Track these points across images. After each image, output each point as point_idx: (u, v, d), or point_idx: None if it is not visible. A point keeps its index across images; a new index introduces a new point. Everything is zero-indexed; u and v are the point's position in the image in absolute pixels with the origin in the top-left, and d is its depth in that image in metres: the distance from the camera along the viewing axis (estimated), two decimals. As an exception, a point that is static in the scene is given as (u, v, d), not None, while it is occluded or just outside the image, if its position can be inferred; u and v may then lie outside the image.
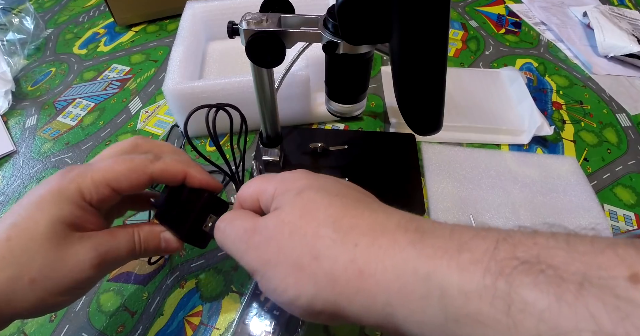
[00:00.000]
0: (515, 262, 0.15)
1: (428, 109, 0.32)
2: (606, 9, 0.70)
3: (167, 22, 0.73)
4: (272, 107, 0.39)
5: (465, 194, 0.45)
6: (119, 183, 0.25)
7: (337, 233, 0.20)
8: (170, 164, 0.27)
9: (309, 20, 0.32)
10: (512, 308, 0.14)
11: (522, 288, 0.14)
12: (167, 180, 0.28)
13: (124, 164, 0.26)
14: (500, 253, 0.16)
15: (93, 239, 0.25)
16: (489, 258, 0.16)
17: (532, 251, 0.15)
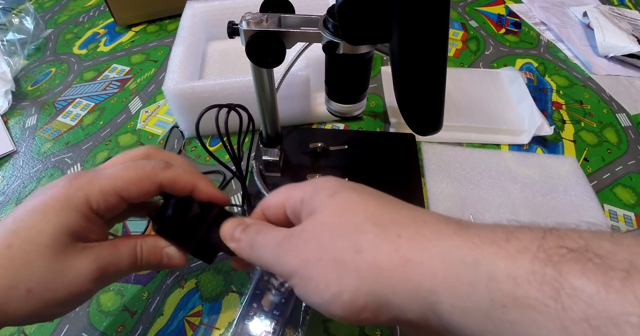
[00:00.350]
0: (564, 251, 0.16)
1: (428, 109, 0.32)
2: (606, 9, 0.70)
3: (167, 22, 0.73)
4: (272, 107, 0.39)
5: (465, 194, 0.45)
6: (128, 192, 0.25)
7: (378, 227, 0.20)
8: (180, 174, 0.27)
9: (309, 20, 0.32)
10: (562, 293, 0.15)
11: (571, 275, 0.15)
12: (176, 190, 0.27)
13: (134, 172, 0.25)
14: (548, 242, 0.16)
15: (95, 251, 0.24)
16: (537, 246, 0.16)
17: (580, 242, 0.16)
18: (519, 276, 0.16)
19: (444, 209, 0.44)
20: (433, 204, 0.44)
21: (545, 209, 0.44)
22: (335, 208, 0.22)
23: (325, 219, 0.22)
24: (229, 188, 0.47)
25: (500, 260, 0.17)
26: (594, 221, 0.42)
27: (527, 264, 0.16)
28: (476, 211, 0.44)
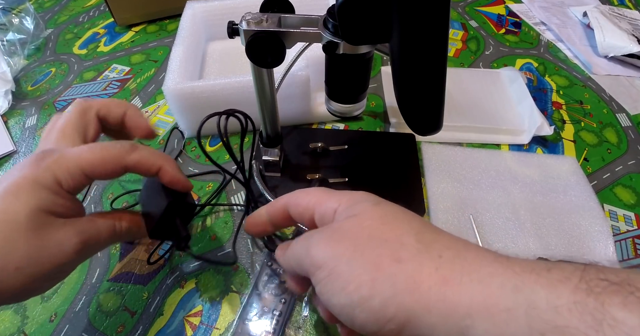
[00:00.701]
0: (605, 283, 0.16)
1: (428, 109, 0.32)
2: (606, 9, 0.70)
3: (167, 22, 0.73)
4: (272, 107, 0.39)
5: (465, 194, 0.45)
6: (94, 172, 0.26)
7: (420, 243, 0.20)
8: (145, 156, 0.27)
9: (309, 20, 0.32)
10: (604, 324, 0.15)
11: (612, 307, 0.15)
12: (141, 172, 0.28)
13: (100, 153, 0.26)
14: (590, 274, 0.16)
15: (75, 225, 0.25)
16: (579, 277, 0.16)
17: (621, 276, 0.16)
18: (560, 305, 0.16)
19: (444, 209, 0.44)
20: (433, 204, 0.44)
21: (545, 209, 0.44)
22: (379, 214, 0.22)
23: (366, 223, 0.21)
24: (229, 188, 0.47)
25: (541, 288, 0.16)
26: (594, 221, 0.42)
27: (568, 294, 0.16)
28: (476, 211, 0.44)
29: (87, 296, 0.39)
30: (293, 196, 0.26)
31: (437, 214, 0.43)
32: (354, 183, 0.45)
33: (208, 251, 0.42)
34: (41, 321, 0.38)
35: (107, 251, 0.42)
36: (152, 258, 0.41)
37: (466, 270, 0.18)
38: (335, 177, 0.45)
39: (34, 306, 0.39)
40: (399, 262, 0.19)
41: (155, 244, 0.42)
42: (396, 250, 0.20)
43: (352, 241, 0.21)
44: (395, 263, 0.19)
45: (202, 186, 0.47)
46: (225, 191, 0.47)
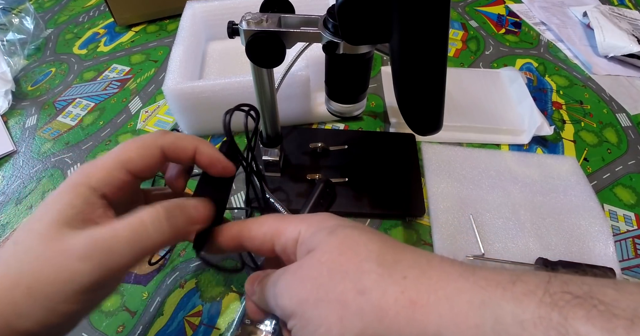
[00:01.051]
0: (569, 296, 0.16)
1: (428, 109, 0.32)
2: (606, 9, 0.70)
3: (167, 22, 0.73)
4: (272, 107, 0.39)
5: (465, 194, 0.45)
6: (132, 161, 0.23)
7: (382, 267, 0.20)
8: (180, 136, 0.25)
9: (309, 20, 0.32)
10: None
11: (576, 321, 0.15)
12: (178, 153, 0.25)
13: (134, 142, 0.24)
14: (554, 287, 0.17)
15: (89, 230, 0.21)
16: (543, 291, 0.16)
17: (584, 288, 0.16)
18: (526, 319, 0.16)
19: (444, 209, 0.44)
20: (433, 204, 0.44)
21: (545, 209, 0.44)
22: (334, 245, 0.21)
23: (324, 258, 0.21)
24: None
25: (506, 303, 0.17)
26: (594, 221, 0.42)
27: (533, 308, 0.16)
28: (476, 211, 0.44)
29: (87, 296, 0.39)
30: (245, 227, 0.25)
31: (437, 214, 0.43)
32: (354, 183, 0.45)
33: (208, 251, 0.42)
34: (41, 321, 0.38)
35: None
36: (152, 258, 0.41)
37: (432, 288, 0.18)
38: (335, 177, 0.45)
39: (34, 306, 0.39)
40: (363, 293, 0.19)
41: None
42: (358, 281, 0.19)
43: (314, 281, 0.20)
44: (359, 295, 0.19)
45: (202, 186, 0.47)
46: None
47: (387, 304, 0.18)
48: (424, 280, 0.19)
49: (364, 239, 0.21)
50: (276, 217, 0.25)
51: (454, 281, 0.19)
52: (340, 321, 0.19)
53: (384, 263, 0.20)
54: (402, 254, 0.21)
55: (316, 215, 0.24)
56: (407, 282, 0.19)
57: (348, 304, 0.19)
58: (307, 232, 0.23)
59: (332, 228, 0.22)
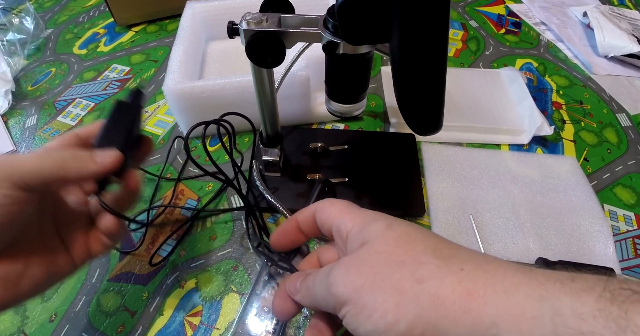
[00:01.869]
0: (628, 292, 0.16)
1: (428, 109, 0.32)
2: (606, 9, 0.70)
3: (167, 22, 0.73)
4: (272, 107, 0.39)
5: (465, 194, 0.45)
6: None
7: (439, 259, 0.20)
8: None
9: (309, 20, 0.32)
10: (627, 331, 0.15)
11: (636, 315, 0.15)
12: None
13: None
14: (612, 284, 0.17)
15: None
16: (602, 287, 0.17)
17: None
18: (585, 312, 0.16)
19: (444, 209, 0.44)
20: (433, 204, 0.44)
21: (545, 209, 0.44)
22: (392, 238, 0.22)
23: (381, 249, 0.21)
24: (228, 189, 0.47)
25: (565, 297, 0.17)
26: (594, 221, 0.42)
27: (592, 302, 0.16)
28: (476, 211, 0.44)
29: (87, 296, 0.39)
30: (321, 203, 0.27)
31: (437, 214, 0.43)
32: (354, 183, 0.45)
33: (208, 251, 0.42)
34: (41, 321, 0.38)
35: (107, 251, 0.42)
36: (153, 259, 0.41)
37: (490, 281, 0.19)
38: (336, 177, 0.45)
39: (34, 306, 0.39)
40: (421, 282, 0.19)
41: (156, 246, 0.42)
42: (416, 270, 0.20)
43: (370, 269, 0.21)
44: (417, 283, 0.19)
45: (202, 186, 0.47)
46: (225, 193, 0.47)
47: (443, 293, 0.19)
48: (481, 273, 0.19)
49: (420, 235, 0.22)
50: (345, 203, 0.26)
51: (511, 276, 0.19)
52: (396, 307, 0.19)
53: (440, 256, 0.20)
54: (458, 250, 0.21)
55: (372, 211, 0.25)
56: (464, 274, 0.19)
57: (405, 291, 0.19)
58: (362, 222, 0.24)
59: (388, 223, 0.23)
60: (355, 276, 0.21)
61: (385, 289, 0.20)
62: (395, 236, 0.22)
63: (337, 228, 0.25)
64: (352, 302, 0.20)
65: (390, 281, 0.20)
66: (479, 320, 0.18)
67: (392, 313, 0.19)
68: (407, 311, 0.19)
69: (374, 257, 0.21)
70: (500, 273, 0.19)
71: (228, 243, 0.42)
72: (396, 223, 0.23)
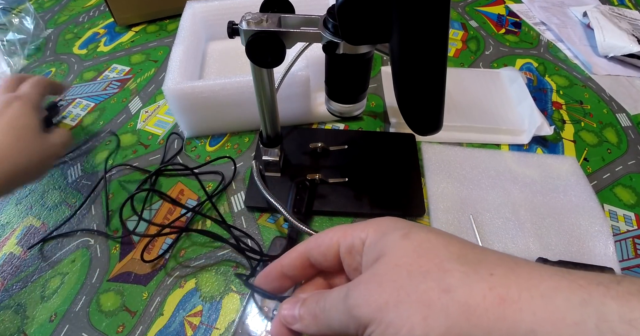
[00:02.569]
0: None
1: (428, 109, 0.32)
2: (606, 9, 0.70)
3: (167, 22, 0.73)
4: (272, 107, 0.39)
5: (465, 194, 0.45)
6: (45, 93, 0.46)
7: (465, 266, 0.19)
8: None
9: (309, 20, 0.32)
10: None
11: None
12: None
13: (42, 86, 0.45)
14: None
15: None
16: None
17: None
18: (635, 318, 0.15)
19: (444, 209, 0.44)
20: (433, 204, 0.44)
21: (545, 209, 0.44)
22: (411, 248, 0.20)
23: (401, 261, 0.20)
24: (229, 189, 0.47)
25: (611, 301, 0.16)
26: (594, 221, 0.42)
27: None
28: (476, 211, 0.44)
29: (87, 296, 0.39)
30: (311, 240, 0.25)
31: (437, 214, 0.43)
32: (354, 183, 0.45)
33: (208, 251, 0.42)
34: (41, 321, 0.38)
35: (107, 251, 0.42)
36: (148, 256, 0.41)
37: (524, 286, 0.17)
38: (335, 177, 0.45)
39: (34, 306, 0.39)
40: (448, 291, 0.18)
41: (156, 246, 0.42)
42: (442, 280, 0.18)
43: (393, 284, 0.19)
44: (444, 293, 0.18)
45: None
46: (225, 192, 0.47)
47: (474, 301, 0.17)
48: (513, 277, 0.18)
49: (442, 241, 0.20)
50: (342, 226, 0.24)
51: (547, 280, 0.17)
52: (424, 320, 0.18)
53: (467, 263, 0.19)
54: (485, 255, 0.20)
55: (383, 219, 0.23)
56: (495, 279, 0.18)
57: (432, 303, 0.18)
58: (376, 233, 0.22)
59: (404, 232, 0.21)
60: (377, 294, 0.19)
61: (411, 303, 0.18)
62: (415, 246, 0.20)
63: (348, 246, 0.23)
64: (376, 321, 0.19)
65: (415, 294, 0.18)
66: (515, 328, 0.16)
67: (420, 327, 0.18)
68: (436, 324, 0.18)
69: (395, 271, 0.20)
70: (535, 277, 0.18)
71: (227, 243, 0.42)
72: (413, 231, 0.21)
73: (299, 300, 0.24)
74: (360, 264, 0.22)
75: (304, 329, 0.23)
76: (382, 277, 0.20)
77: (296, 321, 0.23)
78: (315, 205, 0.44)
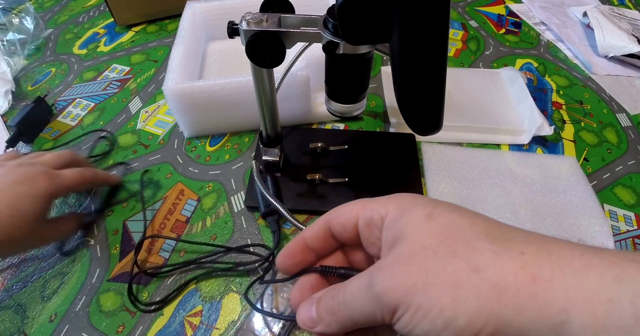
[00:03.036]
0: None
1: (428, 109, 0.32)
2: (606, 9, 0.70)
3: (167, 22, 0.73)
4: (272, 107, 0.39)
5: (465, 194, 0.45)
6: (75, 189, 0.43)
7: (495, 245, 0.18)
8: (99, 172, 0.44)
9: (309, 20, 0.32)
10: None
11: None
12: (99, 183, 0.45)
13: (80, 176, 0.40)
14: None
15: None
16: None
17: None
18: None
19: (444, 209, 0.44)
20: (433, 204, 0.44)
21: (545, 209, 0.44)
22: (436, 230, 0.20)
23: (426, 243, 0.19)
24: (229, 188, 0.47)
25: None
26: (594, 221, 0.42)
27: None
28: (476, 211, 0.43)
29: (87, 296, 0.39)
30: (332, 210, 0.24)
31: (437, 214, 0.43)
32: (353, 183, 0.45)
33: (208, 252, 0.42)
34: (41, 321, 0.38)
35: (107, 251, 0.42)
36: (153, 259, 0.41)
37: (556, 264, 0.17)
38: (335, 177, 0.45)
39: (34, 306, 0.39)
40: (478, 271, 0.17)
41: (156, 246, 0.42)
42: (471, 259, 0.18)
43: (419, 266, 0.19)
44: (474, 273, 0.18)
45: (202, 186, 0.47)
46: (225, 191, 0.47)
47: (505, 281, 0.17)
48: (544, 255, 0.17)
49: (468, 221, 0.20)
50: (363, 199, 0.24)
51: (579, 257, 0.17)
52: (453, 301, 0.17)
53: (495, 241, 0.18)
54: (513, 233, 0.19)
55: (404, 195, 0.22)
56: (527, 257, 0.17)
57: (462, 284, 0.17)
58: (396, 210, 0.21)
59: (428, 211, 0.20)
60: (405, 277, 0.19)
61: (440, 284, 0.18)
62: (440, 227, 0.20)
63: (367, 220, 0.22)
64: (404, 305, 0.18)
65: (444, 275, 0.18)
66: (547, 307, 0.16)
67: (450, 308, 0.17)
68: (467, 305, 0.17)
69: (421, 253, 0.19)
70: (567, 254, 0.17)
71: (228, 242, 0.42)
72: (437, 210, 0.21)
73: (313, 300, 0.23)
74: (378, 239, 0.22)
75: (327, 329, 0.22)
76: (407, 260, 0.19)
77: (316, 323, 0.22)
78: (315, 205, 0.44)
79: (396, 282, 0.19)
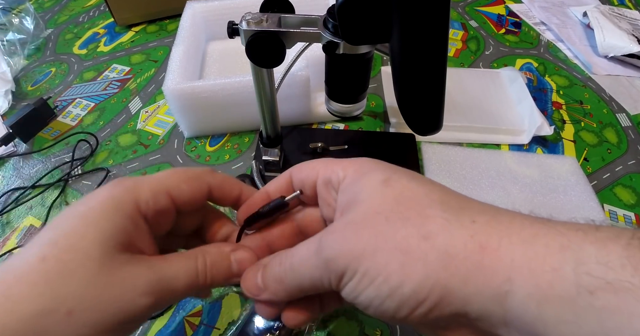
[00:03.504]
0: None
1: (428, 109, 0.32)
2: (606, 9, 0.70)
3: (167, 22, 0.73)
4: (272, 107, 0.39)
5: (465, 194, 0.45)
6: (180, 190, 0.22)
7: (447, 213, 0.18)
8: (228, 178, 0.25)
9: (309, 20, 0.32)
10: None
11: None
12: (224, 193, 0.25)
13: (184, 173, 0.23)
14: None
15: (147, 262, 0.21)
16: (630, 236, 0.15)
17: None
18: (611, 260, 0.14)
19: (444, 209, 0.44)
20: (433, 204, 0.44)
21: (545, 209, 0.44)
22: (391, 196, 0.19)
23: (379, 208, 0.19)
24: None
25: (589, 246, 0.15)
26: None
27: (620, 250, 0.15)
28: (476, 211, 0.44)
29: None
30: (296, 166, 0.24)
31: (437, 214, 0.43)
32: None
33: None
34: (41, 321, 0.38)
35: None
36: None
37: (505, 233, 0.17)
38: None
39: (34, 306, 0.39)
40: (427, 238, 0.17)
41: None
42: (422, 226, 0.18)
43: (370, 231, 0.18)
44: (424, 240, 0.17)
45: (202, 186, 0.47)
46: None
47: (454, 249, 0.17)
48: (495, 224, 0.17)
49: (424, 189, 0.20)
50: (325, 159, 0.23)
51: (528, 227, 0.17)
52: (401, 268, 0.17)
53: (449, 209, 0.18)
54: (468, 203, 0.19)
55: (365, 159, 0.22)
56: (477, 226, 0.17)
57: (410, 250, 0.17)
58: (355, 173, 0.21)
59: (385, 177, 0.20)
60: (354, 242, 0.18)
61: (389, 250, 0.17)
62: (396, 193, 0.19)
63: (326, 179, 0.22)
64: (351, 270, 0.18)
65: (393, 241, 0.17)
66: (492, 276, 0.16)
67: (396, 275, 0.17)
68: (413, 272, 0.17)
69: (373, 217, 0.18)
70: (516, 224, 0.17)
71: (228, 243, 0.42)
72: (395, 177, 0.20)
73: (259, 266, 0.22)
74: (334, 201, 0.21)
75: (273, 297, 0.21)
76: (359, 225, 0.19)
77: (261, 291, 0.21)
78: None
79: (345, 247, 0.18)
